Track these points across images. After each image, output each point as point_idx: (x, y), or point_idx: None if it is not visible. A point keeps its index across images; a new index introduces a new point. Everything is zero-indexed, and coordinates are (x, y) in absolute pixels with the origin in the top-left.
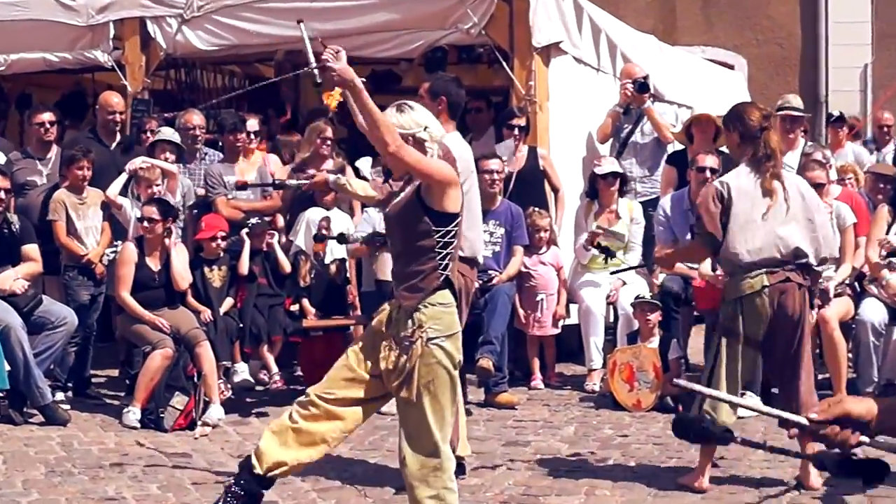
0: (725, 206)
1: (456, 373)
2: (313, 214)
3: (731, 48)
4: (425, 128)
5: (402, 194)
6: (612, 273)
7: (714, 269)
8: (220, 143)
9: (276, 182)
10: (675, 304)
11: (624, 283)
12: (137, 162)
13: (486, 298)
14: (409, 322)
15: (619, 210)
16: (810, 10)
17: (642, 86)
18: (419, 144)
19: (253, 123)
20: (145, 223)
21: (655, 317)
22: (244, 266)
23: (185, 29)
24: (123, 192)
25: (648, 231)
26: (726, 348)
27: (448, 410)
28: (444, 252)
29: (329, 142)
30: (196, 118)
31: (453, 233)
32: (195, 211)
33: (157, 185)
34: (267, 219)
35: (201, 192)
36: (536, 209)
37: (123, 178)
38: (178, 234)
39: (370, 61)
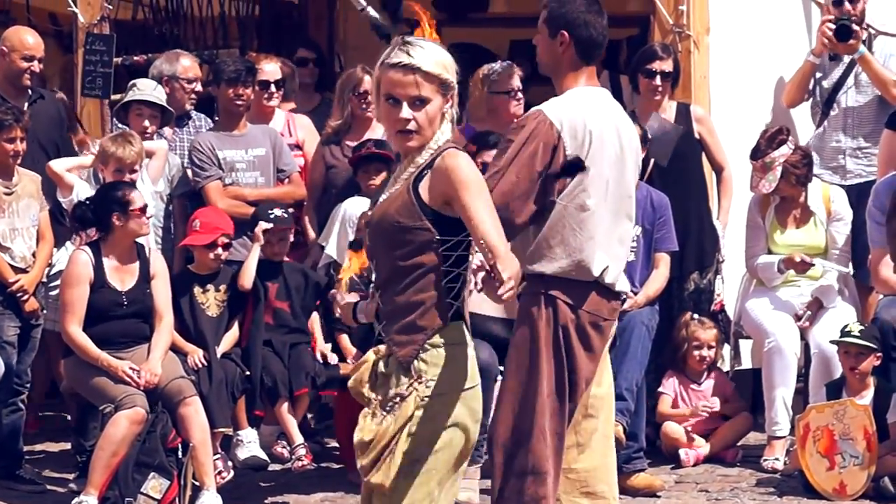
0: None
1: (469, 447)
2: (353, 207)
3: None
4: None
5: (390, 191)
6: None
7: None
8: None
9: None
10: None
11: (821, 305)
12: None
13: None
14: (403, 377)
15: (810, 201)
16: None
17: (842, 30)
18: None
19: (273, 69)
20: (131, 217)
21: (869, 360)
22: (249, 275)
23: None
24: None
25: (859, 228)
26: None
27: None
28: (455, 272)
29: (371, 97)
30: (190, 64)
31: (466, 244)
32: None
33: (135, 171)
34: (290, 211)
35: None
36: (694, 316)
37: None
38: (156, 235)
39: None
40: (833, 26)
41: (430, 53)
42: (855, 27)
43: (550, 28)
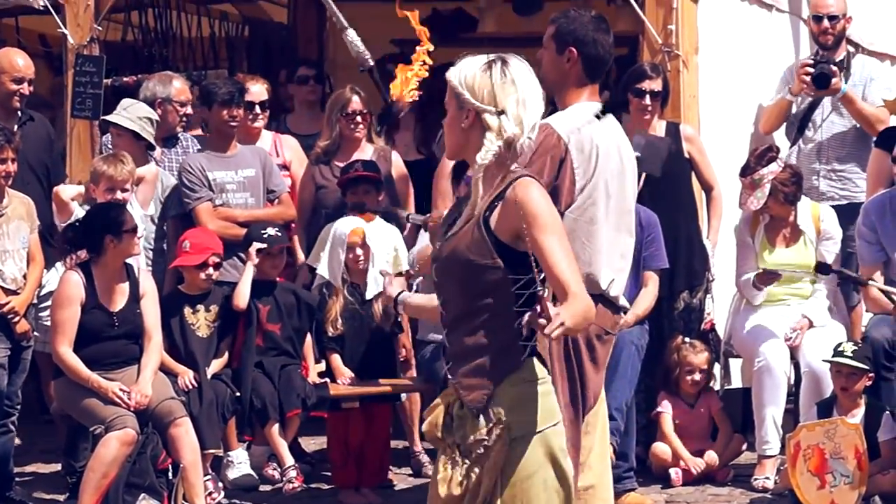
0: None
1: (568, 483)
2: (344, 227)
3: None
4: (500, 112)
5: (458, 226)
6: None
7: None
8: (204, 123)
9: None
10: (887, 359)
11: (811, 324)
12: None
13: None
14: (481, 419)
15: (800, 220)
16: None
17: (820, 78)
18: (478, 131)
19: (259, 90)
20: (123, 238)
21: (861, 381)
22: (243, 296)
23: None
24: None
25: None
26: None
27: None
28: (527, 312)
29: (359, 118)
30: (182, 87)
31: (541, 279)
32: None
33: (127, 190)
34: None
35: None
36: (686, 340)
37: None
38: (146, 257)
39: None
40: (812, 70)
41: (462, 64)
42: (833, 68)
43: (558, 44)
